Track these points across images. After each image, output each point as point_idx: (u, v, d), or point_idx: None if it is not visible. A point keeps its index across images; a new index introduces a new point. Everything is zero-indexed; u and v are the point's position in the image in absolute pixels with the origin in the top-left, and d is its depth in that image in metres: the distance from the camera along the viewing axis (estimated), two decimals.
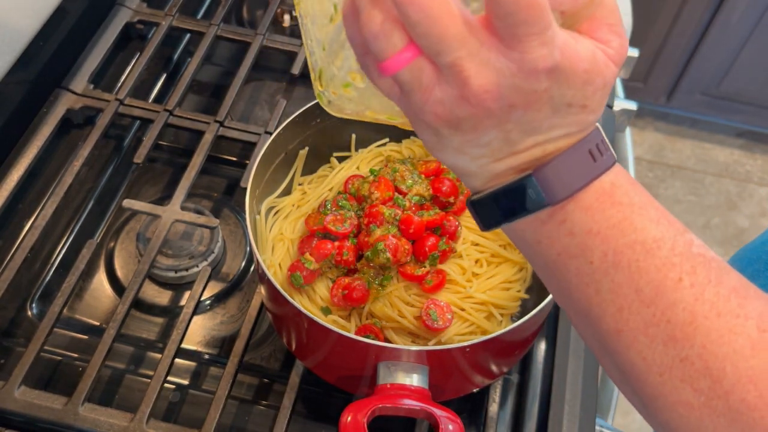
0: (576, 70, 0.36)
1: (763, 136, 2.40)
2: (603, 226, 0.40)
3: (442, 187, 0.74)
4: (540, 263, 0.43)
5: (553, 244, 0.41)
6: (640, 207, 0.40)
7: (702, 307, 0.39)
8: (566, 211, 0.40)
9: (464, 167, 0.41)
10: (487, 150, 0.39)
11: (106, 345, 0.73)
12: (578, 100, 0.38)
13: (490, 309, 0.71)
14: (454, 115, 0.37)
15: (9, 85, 0.90)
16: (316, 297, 0.71)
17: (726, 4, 1.94)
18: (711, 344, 0.38)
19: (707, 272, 0.40)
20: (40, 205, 0.89)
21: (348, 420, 0.59)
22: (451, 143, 0.39)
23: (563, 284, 0.43)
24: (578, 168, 0.40)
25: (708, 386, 0.38)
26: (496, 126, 0.38)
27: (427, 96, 0.37)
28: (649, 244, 0.40)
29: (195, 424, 0.70)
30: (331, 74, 0.47)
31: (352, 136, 0.82)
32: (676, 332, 0.39)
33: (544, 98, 0.37)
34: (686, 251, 0.40)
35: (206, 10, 1.15)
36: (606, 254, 0.40)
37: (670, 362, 0.39)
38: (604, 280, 0.40)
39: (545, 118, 0.38)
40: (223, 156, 0.96)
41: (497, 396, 0.75)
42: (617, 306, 0.40)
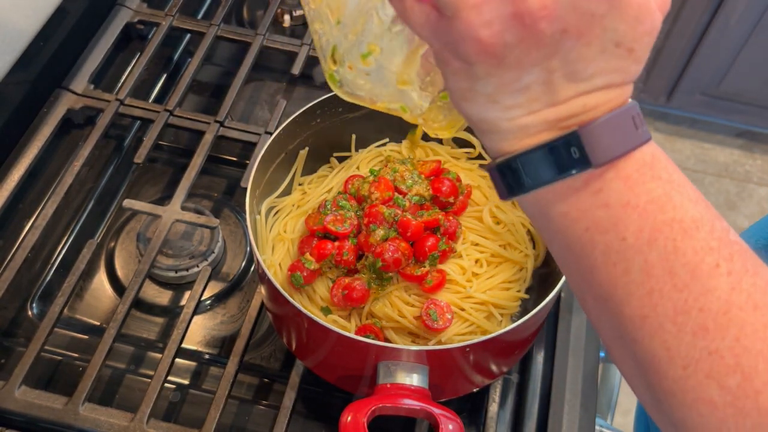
0: (631, 2, 0.34)
1: (763, 136, 2.41)
2: (642, 199, 0.37)
3: (442, 187, 0.74)
4: (562, 241, 0.40)
5: (583, 217, 0.38)
6: (680, 184, 0.38)
7: (738, 298, 0.36)
8: (604, 180, 0.37)
9: (493, 120, 0.38)
10: (524, 98, 0.36)
11: (106, 345, 0.73)
12: (628, 40, 0.35)
13: (490, 309, 0.71)
14: (501, 41, 0.34)
15: (9, 85, 0.90)
16: (316, 297, 0.71)
17: (725, 5, 1.94)
18: (745, 338, 0.35)
19: (744, 261, 0.37)
20: (40, 205, 0.89)
21: (348, 420, 0.59)
22: (485, 88, 0.36)
23: (585, 264, 0.39)
24: (623, 132, 0.37)
25: (737, 384, 0.35)
26: (543, 60, 0.35)
27: (473, 17, 0.33)
28: (688, 223, 0.37)
29: (195, 424, 0.70)
30: (349, 46, 0.45)
31: (352, 136, 0.82)
32: (709, 322, 0.36)
33: (597, 29, 0.34)
34: (724, 237, 0.37)
35: (206, 11, 1.15)
36: (642, 230, 0.37)
37: (698, 355, 0.36)
38: (636, 258, 0.37)
39: (593, 57, 0.35)
40: (223, 156, 0.96)
41: (497, 396, 0.75)
42: (647, 289, 0.37)
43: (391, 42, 0.45)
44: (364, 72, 0.46)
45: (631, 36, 0.35)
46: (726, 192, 2.32)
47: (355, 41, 0.45)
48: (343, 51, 0.46)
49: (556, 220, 0.39)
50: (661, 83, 2.24)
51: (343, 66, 0.47)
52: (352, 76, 0.47)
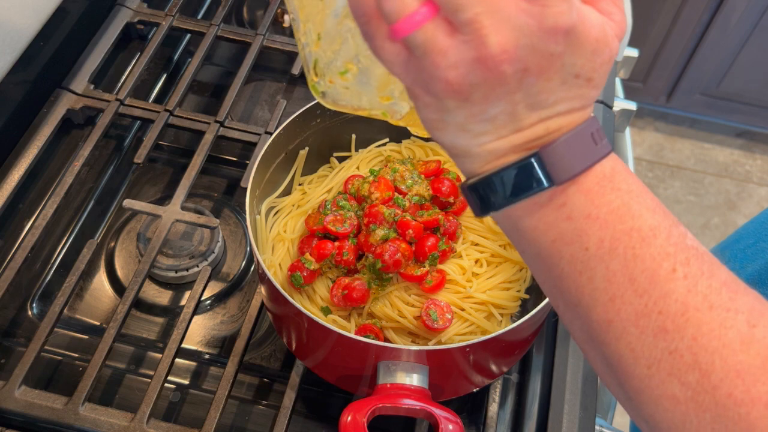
0: (588, 37, 0.36)
1: (763, 136, 2.41)
2: (602, 211, 0.39)
3: (441, 187, 0.74)
4: (532, 252, 0.43)
5: (549, 229, 0.41)
6: (638, 194, 0.40)
7: (694, 299, 0.38)
8: (567, 194, 0.40)
9: (464, 147, 0.40)
10: (492, 126, 0.39)
11: (106, 345, 0.73)
12: (586, 72, 0.37)
13: (490, 309, 0.71)
14: (466, 81, 0.36)
15: (9, 85, 0.90)
16: (316, 297, 0.71)
17: (725, 5, 1.94)
18: (702, 337, 0.38)
19: (700, 264, 0.39)
20: (40, 205, 0.89)
21: (348, 420, 0.59)
22: (455, 119, 0.39)
23: (555, 273, 0.42)
24: (582, 149, 0.39)
25: (696, 380, 0.38)
26: (506, 95, 0.37)
27: (440, 60, 0.36)
28: (646, 231, 0.39)
29: (195, 424, 0.70)
30: (327, 61, 0.47)
31: (352, 136, 0.82)
32: (668, 323, 0.38)
33: (557, 65, 0.36)
34: (681, 242, 0.39)
35: (206, 11, 1.15)
36: (603, 240, 0.39)
37: (659, 354, 0.39)
38: (599, 267, 0.40)
39: (554, 89, 0.37)
40: (223, 156, 0.96)
41: (497, 396, 0.75)
42: (610, 295, 0.40)
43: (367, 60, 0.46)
44: (342, 86, 0.47)
45: (590, 67, 0.37)
46: (726, 192, 2.32)
47: (333, 58, 0.46)
48: (323, 65, 0.47)
49: (525, 233, 0.42)
50: (661, 83, 2.24)
51: (324, 79, 0.48)
52: (332, 88, 0.48)
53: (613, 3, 0.38)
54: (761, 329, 0.38)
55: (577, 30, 0.36)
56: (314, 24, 0.46)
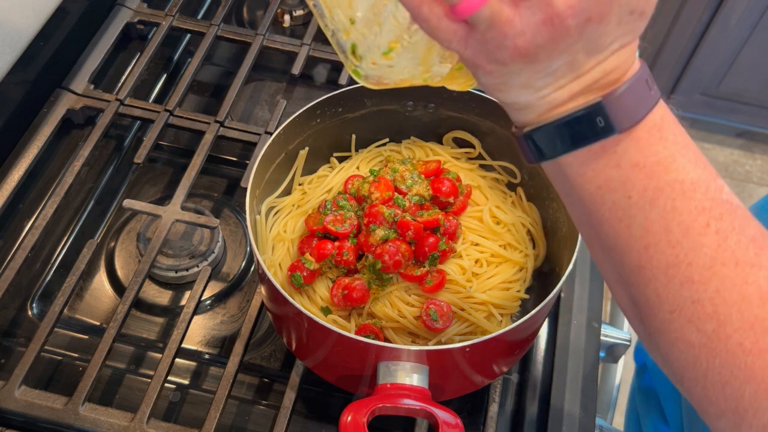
0: None
1: (763, 136, 2.40)
2: (650, 160, 0.41)
3: (441, 187, 0.74)
4: (576, 197, 0.44)
5: (597, 176, 0.42)
6: (684, 146, 0.41)
7: (723, 254, 0.40)
8: (618, 142, 0.41)
9: (525, 102, 0.41)
10: (552, 78, 0.40)
11: (106, 345, 0.73)
12: (640, 6, 0.38)
13: (490, 309, 0.71)
14: (534, 44, 0.37)
15: (9, 85, 0.90)
16: (316, 297, 0.71)
17: (725, 5, 1.94)
18: (725, 290, 0.40)
19: (732, 220, 0.41)
20: (40, 205, 0.89)
21: (348, 420, 0.59)
22: (519, 80, 0.40)
23: (595, 218, 0.43)
24: (640, 96, 0.40)
25: (712, 329, 0.40)
26: (569, 48, 0.38)
27: (508, 29, 0.37)
28: (687, 185, 0.41)
29: (195, 424, 0.70)
30: (368, 45, 0.46)
31: (352, 136, 0.82)
32: (695, 275, 0.40)
33: (615, 7, 0.37)
34: (717, 196, 0.41)
35: (206, 11, 1.15)
36: (646, 190, 0.41)
37: (683, 302, 0.41)
38: (639, 215, 0.41)
39: (610, 31, 0.38)
40: (223, 156, 0.96)
41: (497, 396, 0.75)
42: (645, 243, 0.41)
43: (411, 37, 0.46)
44: (387, 65, 0.47)
45: (644, 2, 0.39)
46: None
47: (375, 41, 0.46)
48: (363, 49, 0.47)
49: (572, 179, 0.43)
50: (661, 83, 2.24)
51: (365, 61, 0.47)
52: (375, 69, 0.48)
53: None
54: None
55: None
56: (342, 9, 0.46)
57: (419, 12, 0.39)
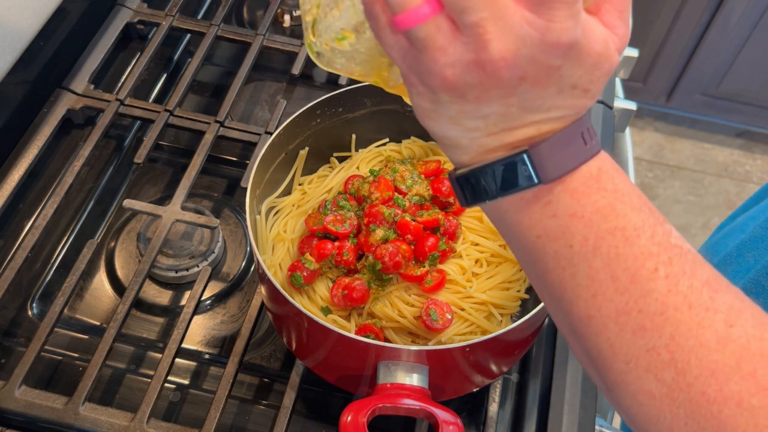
0: (590, 52, 0.36)
1: (763, 136, 2.41)
2: (587, 210, 0.40)
3: (441, 187, 0.74)
4: (518, 244, 0.43)
5: (534, 225, 0.41)
6: (624, 194, 0.40)
7: (674, 299, 0.39)
8: (552, 193, 0.40)
9: (455, 138, 0.41)
10: (483, 123, 0.39)
11: (106, 345, 0.73)
12: (584, 83, 0.37)
13: (490, 309, 0.71)
14: (462, 81, 0.36)
15: (9, 85, 0.90)
16: (316, 297, 0.71)
17: (725, 5, 1.94)
18: (679, 336, 0.38)
19: (683, 264, 0.39)
20: (40, 205, 0.89)
21: (348, 420, 0.59)
22: (448, 112, 0.39)
23: (539, 267, 0.42)
24: (571, 149, 0.39)
25: (672, 377, 0.39)
26: (500, 98, 0.37)
27: (439, 56, 0.36)
28: (629, 231, 0.39)
29: (195, 424, 0.70)
30: (326, 25, 0.46)
31: (352, 136, 0.82)
32: (647, 322, 0.39)
33: (555, 76, 0.36)
34: (665, 241, 0.40)
35: (206, 11, 1.15)
36: (587, 239, 0.40)
37: (637, 351, 0.39)
38: (582, 264, 0.40)
39: (548, 97, 0.37)
40: (223, 156, 0.96)
41: (497, 396, 0.75)
42: (591, 292, 0.40)
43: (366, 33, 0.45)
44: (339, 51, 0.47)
45: (588, 79, 0.37)
46: (726, 192, 2.32)
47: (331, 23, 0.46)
48: (321, 28, 0.47)
49: (511, 227, 0.42)
50: (660, 83, 2.24)
51: (320, 40, 0.47)
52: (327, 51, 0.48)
53: (619, 16, 0.38)
54: (738, 329, 0.39)
55: (579, 45, 0.36)
56: None
57: (371, 9, 0.38)
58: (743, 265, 0.83)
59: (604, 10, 0.38)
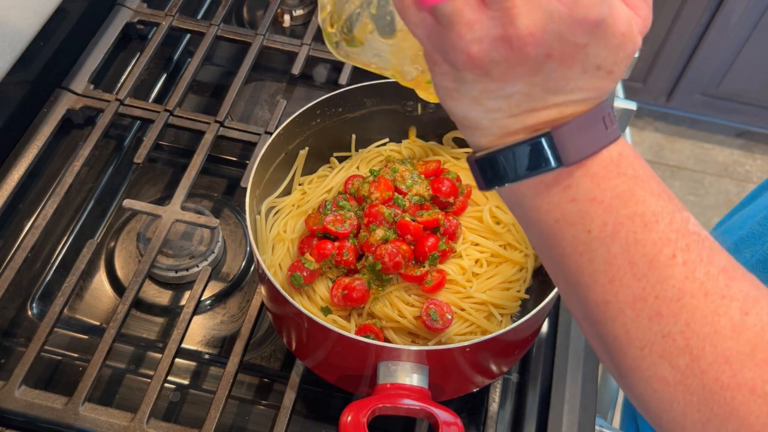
0: (615, 32, 0.36)
1: (763, 136, 2.41)
2: (607, 195, 0.40)
3: (441, 187, 0.74)
4: (535, 229, 0.43)
5: (553, 209, 0.41)
6: (643, 180, 0.40)
7: (691, 286, 0.39)
8: (573, 177, 0.40)
9: (476, 119, 0.40)
10: (506, 103, 0.39)
11: (106, 345, 0.73)
12: (608, 64, 0.37)
13: (490, 309, 0.71)
14: (488, 57, 0.36)
15: (9, 85, 0.90)
16: (316, 297, 0.71)
17: (725, 5, 1.94)
18: (695, 323, 0.39)
19: (700, 251, 0.40)
20: (40, 205, 0.89)
21: (348, 420, 0.59)
22: (471, 91, 0.39)
23: (556, 252, 0.42)
24: (592, 133, 0.39)
25: (686, 364, 0.39)
26: (525, 76, 0.37)
27: (465, 32, 0.36)
28: (648, 217, 0.39)
29: (195, 424, 0.70)
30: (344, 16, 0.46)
31: (352, 136, 0.82)
32: (663, 308, 0.39)
33: (580, 55, 0.36)
34: (683, 228, 0.40)
35: (206, 11, 1.15)
36: (606, 224, 0.40)
37: (653, 337, 0.40)
38: (600, 249, 0.40)
39: (573, 78, 0.37)
40: (223, 156, 0.96)
41: (497, 396, 0.75)
42: (609, 277, 0.40)
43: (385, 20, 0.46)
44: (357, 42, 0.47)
45: (612, 60, 0.38)
46: (726, 192, 2.32)
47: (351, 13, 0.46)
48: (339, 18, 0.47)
49: (529, 212, 0.42)
50: (661, 83, 2.24)
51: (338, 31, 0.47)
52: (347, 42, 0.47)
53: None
54: (753, 317, 0.39)
55: (606, 23, 0.35)
56: None
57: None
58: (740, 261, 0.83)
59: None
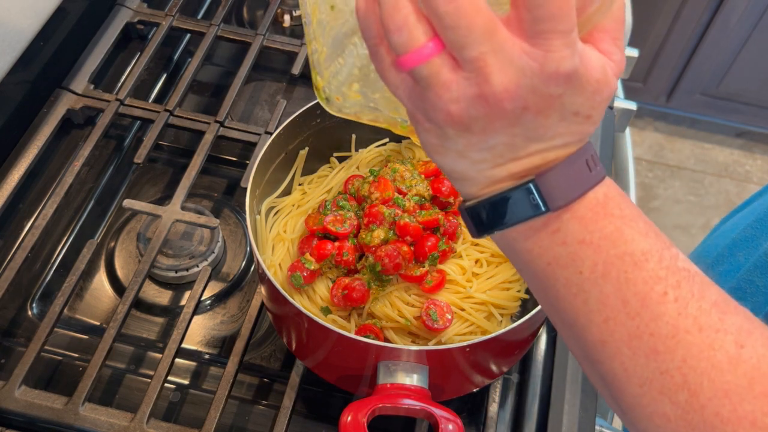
0: (590, 79, 0.37)
1: (763, 136, 2.40)
2: (596, 236, 0.40)
3: (441, 187, 0.74)
4: (529, 272, 0.44)
5: (544, 253, 0.42)
6: (630, 219, 0.41)
7: (684, 322, 0.39)
8: (561, 221, 0.40)
9: (463, 171, 0.41)
10: (490, 154, 0.39)
11: (106, 345, 0.73)
12: (585, 110, 0.38)
13: (490, 309, 0.71)
14: (467, 115, 0.37)
15: (9, 85, 0.90)
16: (316, 297, 0.71)
17: (725, 5, 1.94)
18: (691, 359, 0.39)
19: (691, 286, 0.40)
20: (40, 205, 0.89)
21: (348, 420, 0.59)
22: (455, 146, 0.40)
23: (551, 294, 0.43)
24: (577, 177, 0.40)
25: (685, 399, 0.39)
26: (505, 129, 0.38)
27: (443, 93, 0.37)
28: (638, 256, 0.40)
29: (195, 424, 0.70)
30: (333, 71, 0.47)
31: (352, 136, 0.82)
32: (659, 345, 0.40)
33: (556, 104, 0.37)
34: (672, 265, 0.40)
35: (206, 11, 1.15)
36: (596, 265, 0.40)
37: (651, 375, 0.40)
38: (593, 290, 0.41)
39: (552, 126, 0.38)
40: (223, 156, 0.96)
41: (497, 396, 0.75)
42: (603, 317, 0.41)
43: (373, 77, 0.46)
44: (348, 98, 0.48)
45: (589, 105, 0.38)
46: (726, 192, 2.32)
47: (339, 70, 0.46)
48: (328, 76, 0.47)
49: (521, 255, 0.43)
50: (661, 83, 2.24)
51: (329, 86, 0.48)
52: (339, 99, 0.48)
53: (614, 43, 0.39)
54: (748, 350, 0.39)
55: (578, 73, 0.36)
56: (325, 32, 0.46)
57: (375, 51, 0.39)
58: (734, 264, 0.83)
59: (598, 38, 0.38)
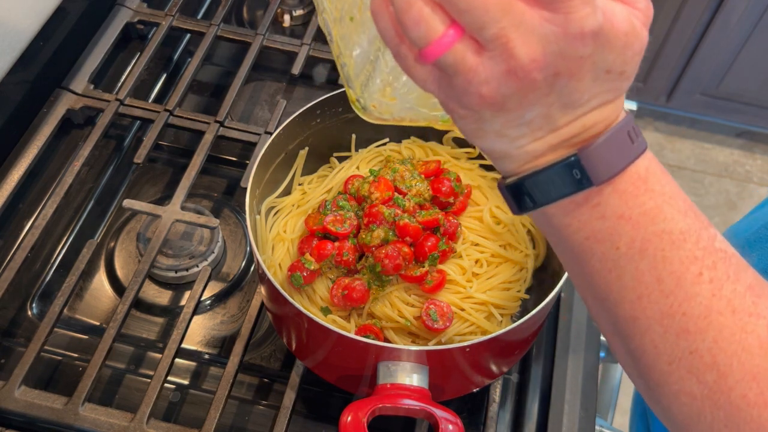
0: (617, 33, 0.36)
1: (763, 136, 2.40)
2: (635, 212, 0.40)
3: (441, 187, 0.74)
4: (565, 247, 0.43)
5: (583, 227, 0.41)
6: (671, 196, 0.41)
7: (718, 303, 0.39)
8: (602, 194, 0.40)
9: (503, 150, 0.41)
10: (528, 129, 0.39)
11: (106, 345, 0.73)
12: (618, 66, 0.37)
13: (490, 309, 0.71)
14: (500, 94, 0.37)
15: (9, 85, 0.90)
16: (316, 297, 0.71)
17: (725, 5, 1.94)
18: (722, 340, 0.39)
19: (726, 268, 0.40)
20: (40, 205, 0.89)
21: (348, 420, 0.59)
22: (493, 127, 0.39)
23: (585, 269, 0.43)
24: (620, 149, 0.40)
25: (713, 380, 0.39)
26: (540, 100, 0.37)
27: (471, 77, 0.36)
28: (676, 235, 0.40)
29: (195, 424, 0.70)
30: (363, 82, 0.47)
31: (352, 136, 0.82)
32: (690, 325, 0.40)
33: (587, 65, 0.36)
34: (709, 245, 0.40)
35: (206, 10, 1.15)
36: (634, 241, 0.40)
37: (680, 353, 0.40)
38: (628, 266, 0.41)
39: (586, 88, 0.37)
40: (223, 156, 0.96)
41: (497, 396, 0.75)
42: (637, 294, 0.41)
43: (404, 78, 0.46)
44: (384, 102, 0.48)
45: (621, 61, 0.37)
46: (726, 192, 2.32)
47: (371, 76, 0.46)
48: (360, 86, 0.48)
49: (559, 230, 0.43)
50: (661, 83, 2.24)
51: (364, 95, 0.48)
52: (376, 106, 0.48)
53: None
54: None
55: (604, 30, 0.35)
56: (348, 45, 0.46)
57: (398, 51, 0.39)
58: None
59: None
